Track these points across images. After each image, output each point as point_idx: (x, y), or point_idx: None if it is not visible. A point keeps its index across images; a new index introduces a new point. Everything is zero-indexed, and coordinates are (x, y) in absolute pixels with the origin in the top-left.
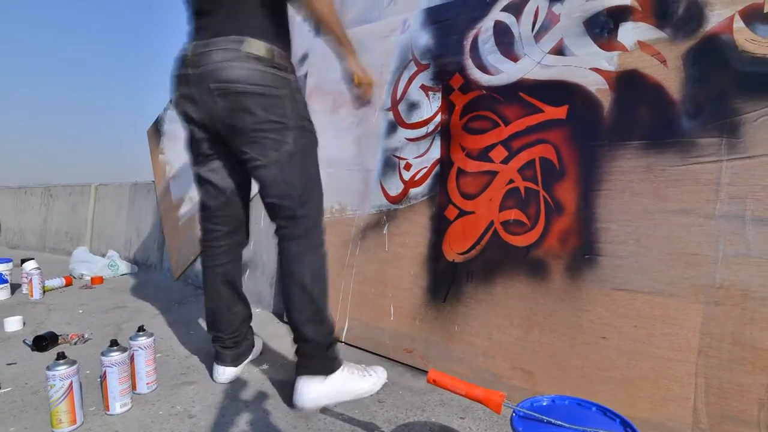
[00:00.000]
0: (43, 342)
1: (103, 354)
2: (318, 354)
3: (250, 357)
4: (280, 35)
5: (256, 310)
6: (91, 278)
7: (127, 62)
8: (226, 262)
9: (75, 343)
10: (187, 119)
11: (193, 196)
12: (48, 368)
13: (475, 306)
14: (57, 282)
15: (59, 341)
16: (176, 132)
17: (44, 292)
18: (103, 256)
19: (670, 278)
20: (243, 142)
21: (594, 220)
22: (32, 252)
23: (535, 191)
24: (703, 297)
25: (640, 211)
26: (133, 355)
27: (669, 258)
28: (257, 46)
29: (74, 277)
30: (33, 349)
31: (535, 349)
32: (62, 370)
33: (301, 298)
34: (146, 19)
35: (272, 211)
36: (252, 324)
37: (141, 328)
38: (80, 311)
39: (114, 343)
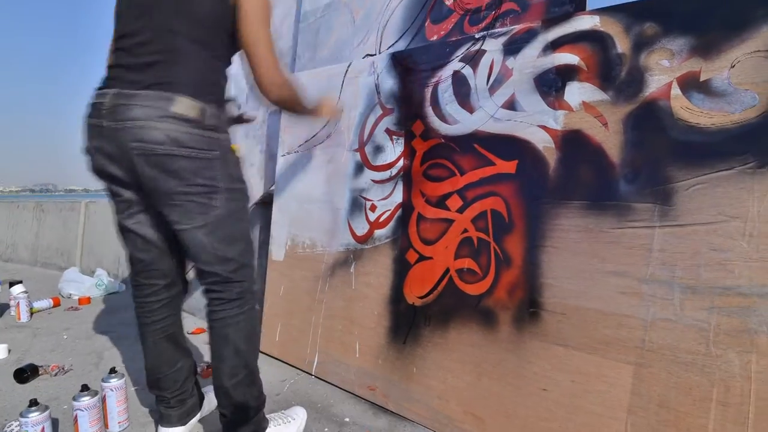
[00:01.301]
0: (24, 374)
1: (74, 399)
2: (248, 418)
3: (200, 414)
4: (215, 89)
5: None
6: (79, 299)
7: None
8: (167, 317)
9: (55, 375)
10: (102, 175)
11: None
12: (21, 415)
13: (432, 349)
14: (45, 303)
15: (40, 373)
16: None
17: (32, 313)
18: (93, 272)
19: (604, 337)
20: (166, 204)
21: (539, 275)
22: (24, 266)
23: (487, 242)
24: (634, 358)
25: (580, 270)
26: (105, 395)
27: (604, 318)
28: (187, 106)
29: (63, 297)
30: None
31: (485, 396)
32: (34, 417)
33: (235, 363)
34: None
35: (202, 275)
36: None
37: (113, 370)
38: (65, 336)
39: (85, 387)
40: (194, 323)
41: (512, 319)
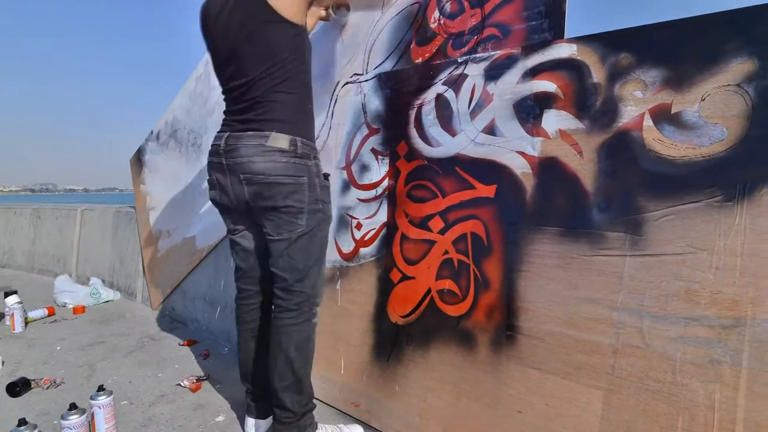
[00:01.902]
0: (16, 388)
1: (62, 417)
2: (292, 422)
3: None
4: (303, 123)
5: (224, 349)
6: (74, 308)
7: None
8: (256, 319)
9: (47, 388)
10: (216, 203)
11: (171, 229)
12: None
13: (413, 368)
14: (39, 313)
15: (32, 386)
16: (156, 164)
17: (26, 323)
18: (88, 279)
19: (577, 362)
20: (262, 218)
21: (515, 299)
22: (21, 272)
23: (467, 264)
24: (605, 384)
25: (555, 295)
26: (93, 413)
27: (576, 343)
28: (281, 140)
29: (58, 305)
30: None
31: (464, 416)
32: None
33: (284, 368)
34: (145, 17)
35: (273, 279)
36: (217, 363)
37: (101, 388)
38: (58, 347)
39: (73, 406)
40: (186, 334)
41: (490, 341)
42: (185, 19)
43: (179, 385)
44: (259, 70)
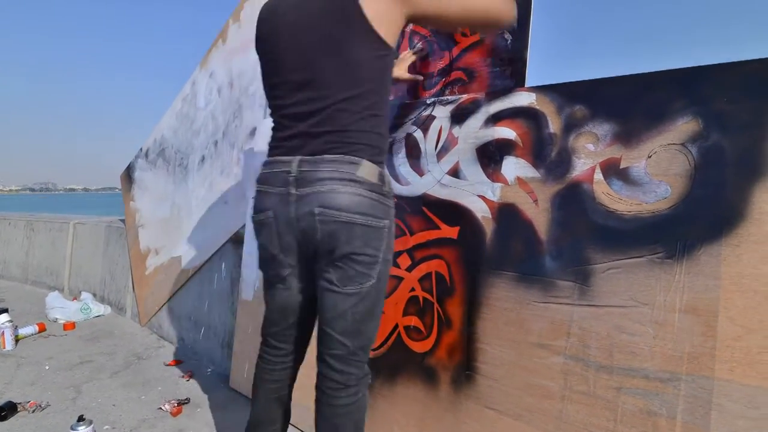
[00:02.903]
0: (2, 412)
1: None
2: None
3: None
4: (384, 151)
5: (207, 370)
6: (64, 324)
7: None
8: (283, 379)
9: (33, 411)
10: (270, 243)
11: (158, 248)
12: None
13: (381, 401)
14: (30, 329)
15: (18, 410)
16: (145, 182)
17: (17, 340)
18: (80, 292)
19: (528, 406)
20: (328, 264)
21: (475, 340)
22: (15, 283)
23: (431, 303)
24: (553, 428)
25: (510, 338)
26: None
27: (529, 387)
28: (370, 171)
29: (49, 320)
30: None
31: None
32: None
33: None
34: (147, 15)
35: (324, 341)
36: (199, 385)
37: (81, 418)
38: (47, 367)
39: None
40: (172, 353)
41: (451, 379)
42: (186, 19)
43: (161, 408)
44: (347, 87)
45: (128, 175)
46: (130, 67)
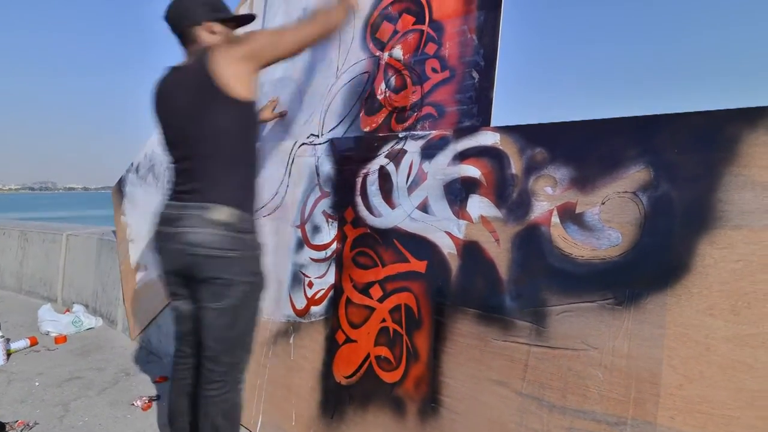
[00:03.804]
0: None
1: None
2: None
3: None
4: (246, 198)
5: None
6: (55, 337)
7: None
8: (188, 377)
9: (21, 431)
10: (161, 268)
11: (148, 263)
12: None
13: (354, 428)
14: (22, 344)
15: (7, 429)
16: (135, 197)
17: (9, 355)
18: (72, 304)
19: None
20: (198, 285)
21: (439, 374)
22: (9, 292)
23: (400, 334)
24: None
25: (471, 374)
26: None
27: (488, 422)
28: (223, 213)
29: (41, 333)
30: None
31: None
32: None
33: None
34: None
35: (203, 348)
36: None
37: None
38: (36, 383)
39: None
40: (161, 369)
41: (418, 411)
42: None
43: (133, 404)
44: (207, 148)
45: (119, 189)
46: (130, 67)
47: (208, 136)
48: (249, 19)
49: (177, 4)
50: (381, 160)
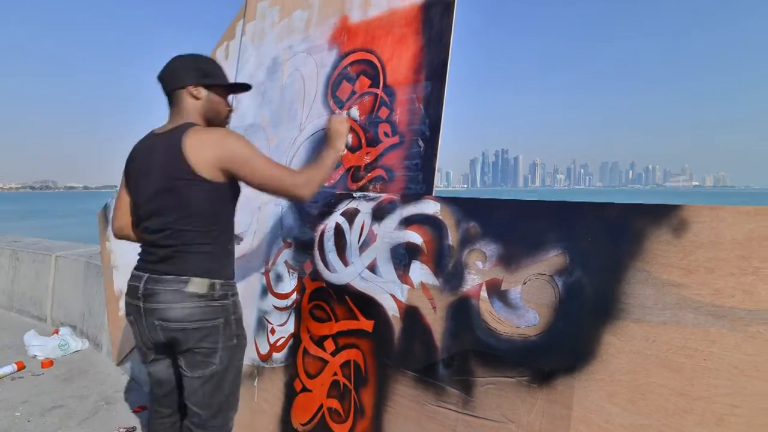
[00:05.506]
0: None
1: None
2: None
3: None
4: (222, 265)
5: None
6: (42, 361)
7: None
8: None
9: None
10: (137, 340)
11: None
12: None
13: None
14: (8, 369)
15: None
16: None
17: None
18: (61, 325)
19: None
20: (178, 354)
21: (383, 430)
22: (1, 310)
23: (349, 389)
24: None
25: None
26: None
27: None
28: (199, 285)
29: (28, 356)
30: None
31: None
32: None
33: None
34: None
35: (188, 413)
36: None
37: None
38: (18, 414)
39: None
40: (140, 398)
41: None
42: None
43: None
44: (179, 221)
45: (105, 215)
46: (131, 67)
47: (181, 209)
48: (242, 87)
49: (169, 65)
50: (337, 218)
